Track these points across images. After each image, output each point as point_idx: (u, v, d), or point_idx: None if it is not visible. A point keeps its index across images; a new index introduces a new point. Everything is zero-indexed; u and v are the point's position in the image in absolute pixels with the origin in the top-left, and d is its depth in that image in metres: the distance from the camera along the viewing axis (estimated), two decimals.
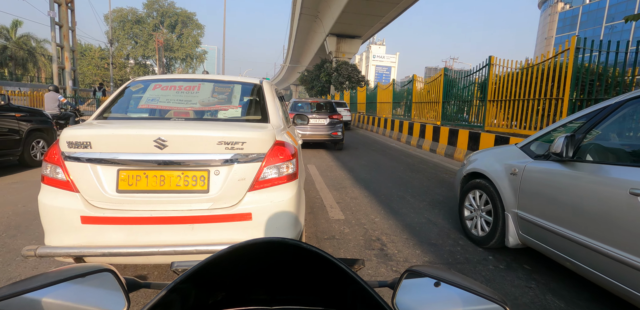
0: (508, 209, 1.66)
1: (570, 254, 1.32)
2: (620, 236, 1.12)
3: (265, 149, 1.31)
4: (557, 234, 1.36)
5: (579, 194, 1.27)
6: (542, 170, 1.48)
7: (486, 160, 1.90)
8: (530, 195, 1.53)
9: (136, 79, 1.90)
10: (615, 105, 1.29)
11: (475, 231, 1.95)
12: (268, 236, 1.25)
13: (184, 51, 34.24)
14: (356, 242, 1.86)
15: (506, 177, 1.67)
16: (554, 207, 1.39)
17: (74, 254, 1.17)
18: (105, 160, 1.23)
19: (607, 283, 1.17)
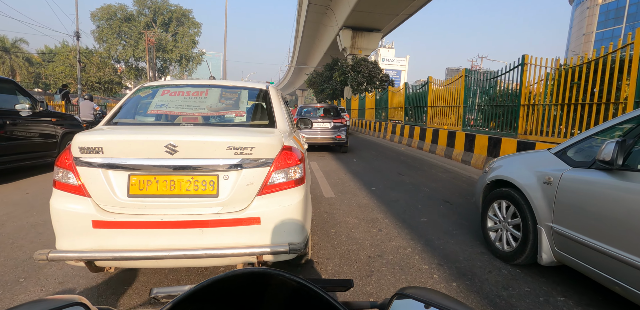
0: (541, 222, 1.66)
1: (619, 276, 1.31)
2: None
3: (274, 153, 1.48)
4: (602, 253, 1.35)
5: (630, 208, 1.27)
6: (584, 180, 1.49)
7: (513, 167, 1.92)
8: (568, 207, 1.53)
9: (144, 85, 2.17)
10: None
11: (500, 245, 1.97)
12: (275, 240, 1.42)
13: (179, 52, 34.85)
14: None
15: (539, 187, 1.68)
16: (598, 222, 1.39)
17: (85, 258, 1.31)
18: (117, 165, 1.40)
19: None
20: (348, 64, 19.90)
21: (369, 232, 2.45)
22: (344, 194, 3.60)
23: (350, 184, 4.11)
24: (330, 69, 25.68)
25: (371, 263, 1.91)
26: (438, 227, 2.55)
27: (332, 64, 25.28)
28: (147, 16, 34.31)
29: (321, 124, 7.13)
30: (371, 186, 4.01)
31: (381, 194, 3.61)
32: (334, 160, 6.28)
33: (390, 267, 1.88)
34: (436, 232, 2.45)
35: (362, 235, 2.37)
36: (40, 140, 4.31)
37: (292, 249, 1.37)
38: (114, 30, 32.73)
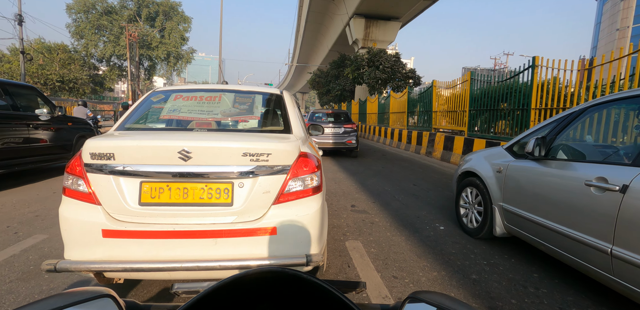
0: (495, 203, 2.49)
1: (543, 238, 2.10)
2: (577, 220, 1.86)
3: (290, 160, 1.66)
4: (533, 222, 2.15)
5: (548, 187, 2.07)
6: (521, 168, 2.32)
7: (478, 160, 2.79)
8: (512, 189, 2.35)
9: (157, 90, 2.48)
10: (579, 111, 2.13)
11: (470, 224, 2.81)
12: (292, 252, 1.60)
13: (165, 49, 35.29)
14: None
15: (493, 175, 2.52)
16: (530, 199, 2.20)
17: (94, 269, 1.46)
18: (129, 172, 1.56)
19: (571, 261, 1.91)
20: (363, 57, 18.46)
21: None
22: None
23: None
24: (337, 66, 25.64)
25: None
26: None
27: (339, 60, 25.44)
28: (131, 9, 34.87)
29: (332, 129, 8.51)
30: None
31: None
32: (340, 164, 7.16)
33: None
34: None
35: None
36: (58, 143, 5.35)
37: (310, 261, 1.50)
38: (93, 24, 33.14)
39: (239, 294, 0.49)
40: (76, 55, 32.30)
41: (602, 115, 2.29)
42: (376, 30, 22.52)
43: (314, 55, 45.19)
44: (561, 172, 2.02)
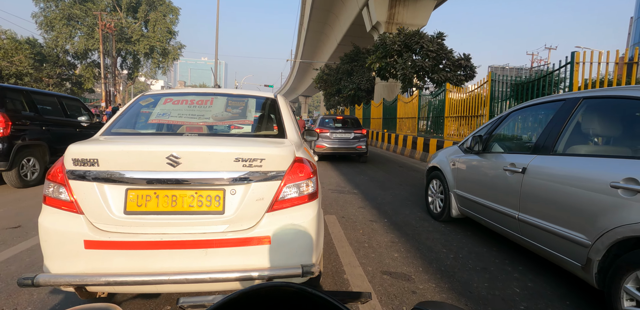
0: (451, 190, 3.75)
1: (482, 214, 3.33)
2: (499, 197, 3.10)
3: (285, 166, 1.90)
4: (475, 202, 3.38)
5: (482, 174, 3.31)
6: (466, 161, 3.58)
7: (440, 157, 4.09)
8: (461, 178, 3.60)
9: (145, 93, 2.85)
10: (504, 115, 3.40)
11: (434, 210, 4.14)
12: (287, 262, 1.83)
13: (148, 43, 36.00)
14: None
15: (449, 168, 3.79)
16: (472, 184, 3.44)
17: (75, 282, 1.62)
18: (113, 178, 1.76)
19: (498, 229, 3.13)
20: (395, 39, 15.92)
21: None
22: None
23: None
24: (350, 61, 26.30)
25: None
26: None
27: (353, 54, 26.21)
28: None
29: (343, 134, 10.51)
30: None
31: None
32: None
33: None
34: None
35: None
36: None
37: (306, 272, 1.70)
38: (63, 14, 33.44)
39: (246, 308, 0.60)
40: (22, 45, 31.18)
41: (522, 118, 3.50)
42: (403, 10, 21.33)
43: (319, 52, 46.97)
44: (490, 161, 3.29)
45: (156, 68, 39.17)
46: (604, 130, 2.71)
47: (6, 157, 5.54)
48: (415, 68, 15.09)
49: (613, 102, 2.53)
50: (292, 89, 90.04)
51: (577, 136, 2.71)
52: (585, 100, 2.68)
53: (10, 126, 5.69)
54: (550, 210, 2.59)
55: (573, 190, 2.39)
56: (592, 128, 2.75)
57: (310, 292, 0.57)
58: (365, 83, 24.64)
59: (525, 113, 3.48)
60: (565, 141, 2.69)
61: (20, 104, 6.25)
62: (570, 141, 2.68)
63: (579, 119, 2.70)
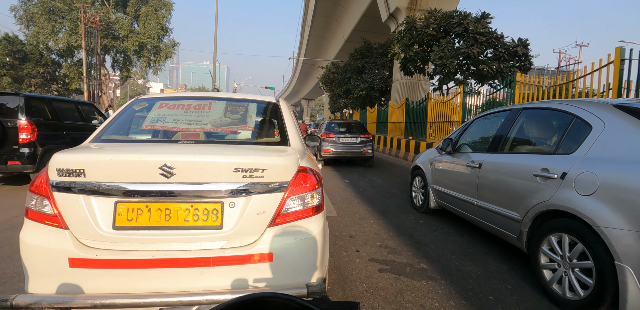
0: (429, 185, 5.11)
1: (453, 204, 4.65)
2: (463, 189, 4.41)
3: (289, 176, 2.07)
4: (447, 195, 4.72)
5: (452, 170, 4.68)
6: (441, 159, 4.96)
7: (422, 157, 5.48)
8: (437, 174, 4.98)
9: (140, 97, 3.04)
10: (470, 121, 4.75)
11: (417, 202, 5.53)
12: (290, 281, 2.01)
13: (137, 39, 36.97)
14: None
15: (429, 167, 5.17)
16: (445, 179, 4.80)
17: (58, 305, 1.74)
18: (101, 191, 1.91)
19: (465, 216, 4.45)
20: (428, 22, 13.97)
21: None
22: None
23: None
24: (362, 57, 26.57)
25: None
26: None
27: (364, 49, 26.63)
28: None
29: (349, 138, 12.21)
30: None
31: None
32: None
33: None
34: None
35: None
36: None
37: (311, 292, 1.83)
38: (45, 7, 34.25)
39: None
40: (28, 47, 33.25)
41: (483, 123, 4.75)
42: None
43: (324, 51, 48.61)
44: (458, 160, 4.60)
45: (147, 67, 39.77)
46: (533, 133, 3.96)
47: (33, 160, 7.01)
48: (458, 57, 13.05)
49: (540, 112, 3.79)
50: (294, 92, 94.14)
51: (517, 138, 3.99)
52: (524, 110, 3.95)
53: (35, 132, 7.15)
54: (496, 196, 3.85)
55: (511, 179, 3.63)
56: (526, 131, 4.01)
57: (299, 303, 0.67)
58: (379, 82, 24.68)
59: (485, 120, 4.79)
60: (510, 142, 3.96)
61: (43, 111, 7.73)
62: (512, 142, 3.96)
63: (519, 125, 3.97)
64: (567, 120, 3.36)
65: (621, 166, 2.61)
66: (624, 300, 2.42)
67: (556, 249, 3.03)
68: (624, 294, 2.41)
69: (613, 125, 2.89)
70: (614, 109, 3.02)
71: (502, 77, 12.47)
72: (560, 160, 3.15)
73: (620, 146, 2.74)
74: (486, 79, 13.05)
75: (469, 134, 5.00)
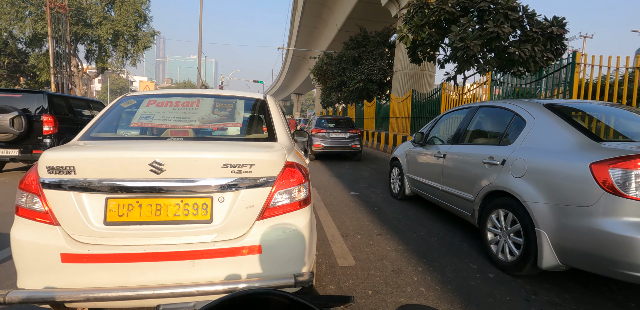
0: (405, 174, 6.45)
1: (423, 190, 5.96)
2: (431, 175, 5.71)
3: (276, 171, 2.42)
4: (419, 182, 6.03)
5: (423, 160, 6.01)
6: (413, 151, 6.33)
7: (398, 149, 6.86)
8: (411, 164, 6.32)
9: (128, 95, 3.40)
10: (439, 117, 6.05)
11: (394, 190, 6.95)
12: (279, 272, 2.34)
13: (112, 27, 36.58)
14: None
15: (404, 157, 6.52)
16: (417, 168, 6.14)
17: (51, 299, 1.96)
18: (92, 187, 2.19)
19: (434, 200, 5.73)
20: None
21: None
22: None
23: None
24: (358, 46, 26.98)
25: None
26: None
27: (360, 37, 26.96)
28: None
29: (339, 134, 14.23)
30: None
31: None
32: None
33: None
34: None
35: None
36: None
37: (299, 282, 2.14)
38: None
39: None
40: None
41: (449, 119, 6.00)
42: None
43: (315, 42, 49.66)
44: (428, 151, 5.86)
45: (123, 58, 39.64)
46: (487, 127, 5.19)
47: None
48: (485, 38, 11.57)
49: (492, 109, 4.99)
50: (283, 86, 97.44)
51: (473, 131, 5.22)
52: (480, 108, 5.16)
53: (57, 125, 9.14)
54: (456, 181, 5.08)
55: (467, 167, 4.85)
56: (481, 126, 5.24)
57: (292, 298, 0.75)
58: (377, 73, 25.42)
59: (451, 116, 6.07)
60: (468, 135, 5.18)
61: (62, 108, 9.79)
62: (470, 135, 5.20)
63: (475, 121, 5.19)
64: (510, 116, 4.55)
65: (542, 154, 3.78)
66: (541, 256, 3.54)
67: (500, 221, 4.21)
68: (541, 252, 3.54)
69: (540, 121, 4.06)
70: (543, 107, 4.19)
71: (534, 63, 11.43)
72: (502, 150, 4.32)
73: (544, 138, 3.90)
74: (515, 65, 11.83)
75: (437, 128, 6.29)
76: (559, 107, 4.20)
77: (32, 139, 8.91)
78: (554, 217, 3.44)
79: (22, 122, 8.65)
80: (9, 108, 8.59)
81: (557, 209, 3.42)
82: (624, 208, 2.97)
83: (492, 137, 5.01)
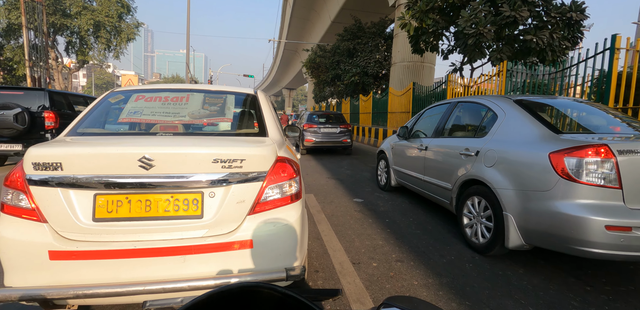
0: (391, 166, 7.28)
1: (408, 181, 6.76)
2: (415, 167, 6.49)
3: (267, 166, 2.56)
4: (403, 173, 6.84)
5: (407, 152, 6.81)
6: (399, 144, 7.15)
7: (385, 143, 7.73)
8: (396, 157, 7.14)
9: (115, 90, 3.54)
10: (422, 111, 6.83)
11: (381, 182, 7.81)
12: (270, 266, 2.48)
13: (92, 17, 36.15)
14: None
15: (390, 150, 7.35)
16: (402, 160, 6.96)
17: (39, 296, 2.05)
18: (80, 183, 2.29)
19: (416, 189, 6.52)
20: None
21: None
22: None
23: None
24: (353, 37, 27.15)
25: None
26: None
27: (355, 28, 27.23)
28: None
29: (330, 129, 15.64)
30: None
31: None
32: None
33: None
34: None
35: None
36: None
37: (290, 276, 2.27)
38: None
39: (214, 308, 0.78)
40: None
41: (432, 113, 6.72)
42: None
43: (307, 35, 50.16)
44: (411, 144, 6.64)
45: (105, 50, 39.20)
46: (465, 120, 5.90)
47: None
48: (499, 23, 11.01)
49: (469, 104, 5.70)
50: (275, 81, 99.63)
51: (453, 125, 5.95)
52: (459, 103, 5.87)
53: (58, 121, 10.09)
54: (436, 171, 5.81)
55: (446, 158, 5.56)
56: (460, 120, 5.96)
57: (281, 291, 0.79)
58: (374, 66, 25.67)
59: (434, 110, 6.77)
60: (448, 129, 5.91)
61: (62, 104, 10.84)
62: (450, 129, 5.92)
63: (455, 115, 5.91)
64: (484, 111, 5.26)
65: (510, 145, 4.47)
66: (508, 237, 4.21)
67: (475, 207, 4.91)
68: (508, 234, 4.21)
69: (510, 116, 4.75)
70: (513, 103, 4.89)
71: (551, 51, 10.88)
72: (477, 142, 5.02)
73: (512, 131, 4.59)
74: (530, 54, 11.37)
75: (420, 122, 7.07)
76: (527, 102, 4.90)
77: (34, 134, 9.84)
78: (519, 201, 4.06)
79: (25, 118, 9.57)
80: (12, 105, 9.48)
81: (522, 194, 4.05)
82: (576, 192, 3.59)
83: (468, 130, 5.71)
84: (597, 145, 3.58)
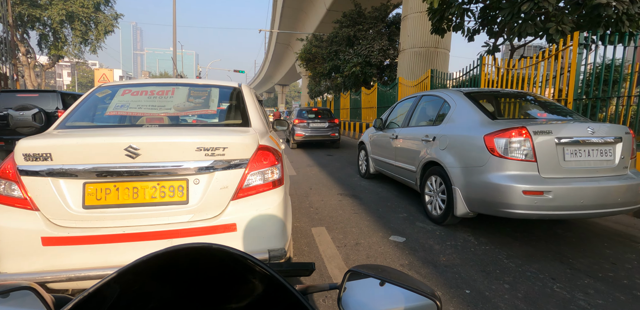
0: (369, 155, 9.35)
1: (383, 167, 8.79)
2: (388, 154, 8.48)
3: (249, 154, 2.97)
4: (380, 161, 8.87)
5: (382, 141, 8.86)
6: (376, 135, 9.27)
7: (365, 135, 9.80)
8: (374, 146, 9.21)
9: (102, 85, 4.05)
10: (395, 104, 8.87)
11: (362, 171, 9.98)
12: (254, 248, 2.86)
13: (65, 7, 35.87)
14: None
15: (369, 141, 9.41)
16: (378, 149, 9.03)
17: (34, 281, 2.35)
18: (69, 173, 2.63)
19: (391, 175, 8.47)
20: None
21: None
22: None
23: None
24: (353, 24, 27.46)
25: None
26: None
27: (355, 14, 27.47)
28: None
29: (319, 123, 18.56)
30: None
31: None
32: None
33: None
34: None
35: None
36: None
37: (273, 256, 2.63)
38: None
39: (166, 271, 0.86)
40: None
41: (403, 106, 8.51)
42: None
43: (300, 26, 51.39)
44: (385, 134, 8.67)
45: (81, 44, 39.40)
46: (428, 111, 7.65)
47: None
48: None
49: (430, 97, 7.58)
50: (267, 77, 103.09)
51: (417, 116, 7.80)
52: (423, 96, 7.75)
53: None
54: (404, 156, 7.67)
55: (411, 143, 7.42)
56: (423, 111, 7.78)
57: (232, 251, 0.85)
58: (377, 54, 25.57)
59: (404, 103, 8.63)
60: (414, 119, 7.78)
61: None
62: (414, 119, 7.79)
63: (420, 107, 7.78)
64: (441, 102, 7.05)
65: (457, 130, 6.16)
66: (456, 207, 5.70)
67: (433, 185, 6.62)
68: (456, 204, 5.67)
69: (459, 105, 6.49)
70: (463, 95, 6.65)
71: (629, 21, 9.35)
72: (434, 129, 6.75)
73: (460, 118, 6.33)
74: (599, 25, 9.71)
75: (392, 114, 8.97)
76: (474, 94, 6.68)
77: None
78: (463, 176, 5.51)
79: (42, 117, 11.98)
80: (30, 106, 11.88)
81: (465, 170, 5.52)
82: (503, 166, 5.00)
83: (429, 120, 7.43)
84: (518, 128, 4.96)
